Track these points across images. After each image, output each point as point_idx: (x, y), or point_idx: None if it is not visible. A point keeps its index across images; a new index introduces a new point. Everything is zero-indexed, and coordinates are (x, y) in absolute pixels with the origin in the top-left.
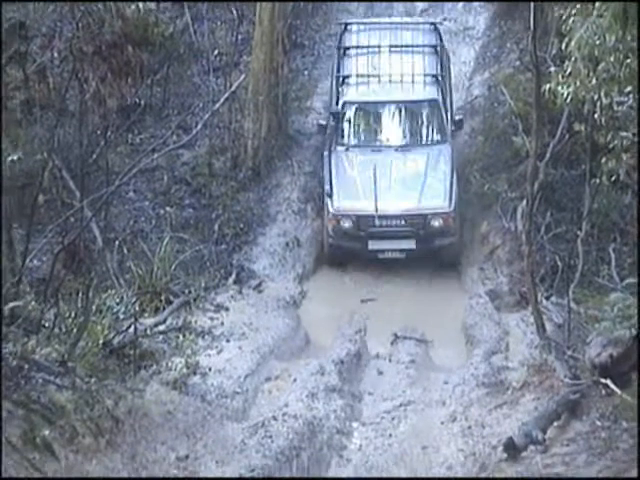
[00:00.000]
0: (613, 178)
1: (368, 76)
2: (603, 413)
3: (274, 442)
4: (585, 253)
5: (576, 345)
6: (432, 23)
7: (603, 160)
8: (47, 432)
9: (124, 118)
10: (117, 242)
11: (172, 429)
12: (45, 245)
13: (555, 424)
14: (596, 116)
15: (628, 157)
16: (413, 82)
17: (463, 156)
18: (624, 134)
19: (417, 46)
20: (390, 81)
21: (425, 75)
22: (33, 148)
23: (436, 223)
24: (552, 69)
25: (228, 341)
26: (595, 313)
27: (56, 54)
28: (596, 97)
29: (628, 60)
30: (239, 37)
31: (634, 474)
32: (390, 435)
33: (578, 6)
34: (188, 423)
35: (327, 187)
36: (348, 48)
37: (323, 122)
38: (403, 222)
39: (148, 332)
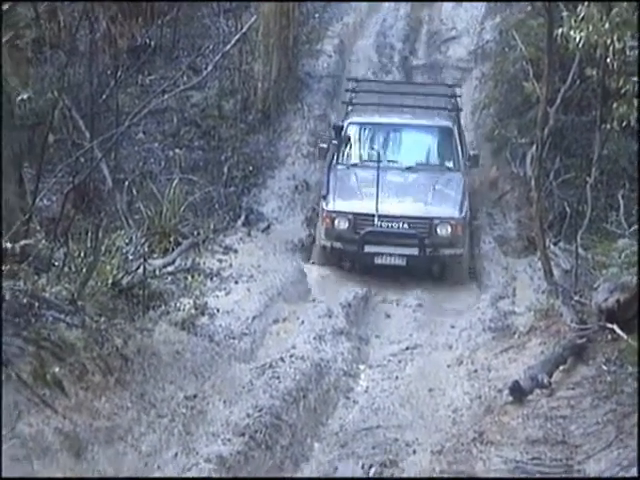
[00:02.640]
0: (624, 124)
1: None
2: (609, 357)
3: (281, 383)
4: (594, 199)
5: (583, 290)
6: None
7: (614, 106)
8: (57, 369)
9: (134, 59)
10: (126, 183)
11: (180, 369)
12: (55, 185)
13: (561, 368)
14: (608, 61)
15: (638, 103)
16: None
17: (473, 102)
18: (635, 79)
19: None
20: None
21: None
22: (43, 87)
23: (443, 231)
24: (564, 13)
25: (236, 283)
26: (603, 259)
27: None
28: (609, 42)
29: None
30: None
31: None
32: (397, 377)
33: None
34: (196, 363)
35: (323, 191)
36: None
37: (324, 145)
38: (406, 225)
39: (157, 273)
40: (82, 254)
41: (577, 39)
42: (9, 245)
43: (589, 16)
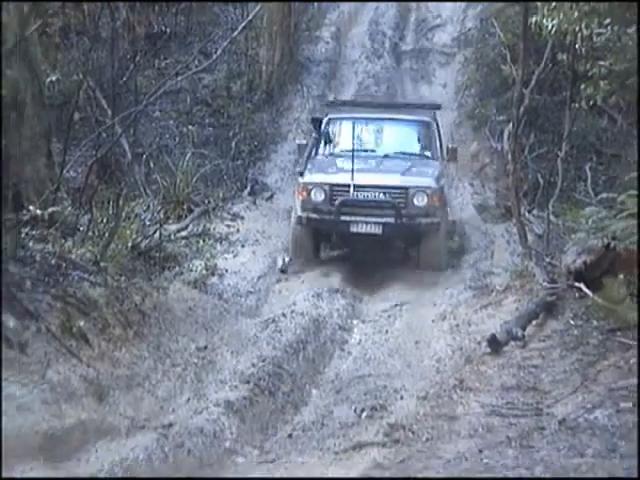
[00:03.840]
0: (591, 103)
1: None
2: (576, 313)
3: (283, 336)
4: (564, 171)
5: (554, 253)
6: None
7: (582, 87)
8: (82, 323)
9: (151, 44)
10: (144, 156)
11: (192, 323)
12: (80, 158)
13: (534, 323)
14: (577, 46)
15: (605, 84)
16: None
17: (456, 83)
18: (602, 63)
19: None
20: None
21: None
22: (70, 70)
23: (419, 199)
24: (538, 3)
25: (243, 246)
26: (572, 225)
27: None
28: (577, 29)
29: None
30: None
31: (603, 365)
32: (386, 331)
33: None
34: (207, 318)
35: (300, 169)
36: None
37: (303, 142)
38: (382, 195)
39: (172, 237)
40: (104, 220)
41: (549, 27)
42: (39, 212)
43: (560, 5)
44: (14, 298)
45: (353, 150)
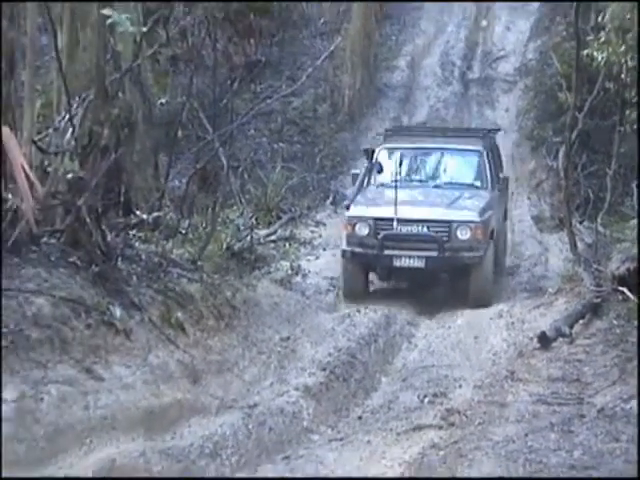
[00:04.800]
0: (635, 127)
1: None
2: (619, 314)
3: (357, 329)
4: (612, 188)
5: (601, 260)
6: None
7: (628, 112)
8: (180, 314)
9: (247, 71)
10: (239, 169)
11: (277, 316)
12: (183, 169)
13: (580, 322)
14: (623, 76)
15: None
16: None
17: (517, 108)
18: None
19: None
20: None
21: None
22: (176, 93)
23: (462, 233)
24: (590, 38)
25: (324, 250)
26: (618, 235)
27: (194, 19)
28: (624, 61)
29: None
30: (341, 8)
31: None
32: (449, 327)
33: None
34: (290, 312)
35: (347, 202)
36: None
37: (357, 171)
38: (425, 229)
39: (262, 241)
40: (202, 224)
41: (600, 59)
42: (145, 216)
43: (609, 40)
44: (122, 291)
45: (396, 183)
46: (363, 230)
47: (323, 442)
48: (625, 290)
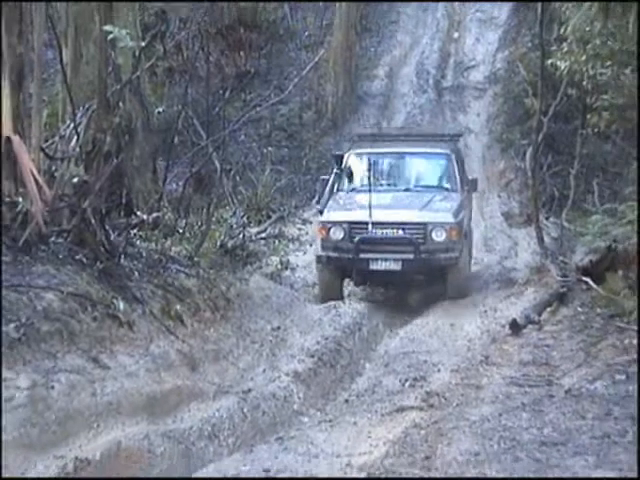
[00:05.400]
0: (596, 130)
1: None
2: (583, 302)
3: (342, 319)
4: (575, 186)
5: (566, 253)
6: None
7: (589, 117)
8: (178, 307)
9: (238, 81)
10: (232, 172)
11: (268, 308)
12: (179, 173)
13: (548, 310)
14: (585, 83)
15: (607, 115)
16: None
17: (487, 113)
18: (604, 97)
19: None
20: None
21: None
22: (172, 103)
23: (438, 235)
24: (553, 48)
25: (311, 245)
26: (581, 230)
27: (189, 33)
28: (585, 69)
29: (609, 42)
30: (323, 22)
31: (603, 345)
32: (426, 316)
33: (574, 2)
34: (280, 304)
35: (320, 208)
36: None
37: (325, 177)
38: (401, 231)
39: (253, 238)
40: (198, 223)
41: (562, 67)
42: (145, 217)
43: (571, 50)
44: (124, 286)
45: (370, 187)
46: (338, 234)
47: (313, 424)
48: (588, 280)
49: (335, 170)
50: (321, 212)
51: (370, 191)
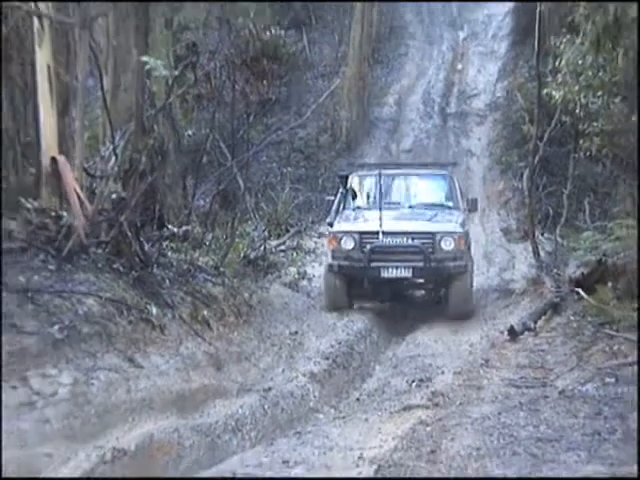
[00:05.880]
0: (588, 154)
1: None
2: (575, 311)
3: (354, 325)
4: (568, 205)
5: (559, 266)
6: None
7: (581, 142)
8: (205, 312)
9: (260, 107)
10: (254, 190)
11: (287, 314)
12: (206, 190)
13: (543, 318)
14: (577, 111)
15: (597, 140)
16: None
17: (488, 137)
18: (595, 124)
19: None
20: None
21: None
22: (201, 127)
23: (447, 244)
24: (549, 79)
25: (326, 257)
26: (573, 245)
27: (217, 64)
28: (578, 98)
29: (599, 74)
30: (338, 54)
31: (593, 350)
32: (430, 324)
33: (568, 37)
34: (297, 310)
35: (329, 220)
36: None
37: (331, 197)
38: (410, 240)
39: (273, 250)
40: (223, 237)
41: (557, 97)
42: (175, 229)
43: (564, 81)
44: (157, 293)
45: (381, 197)
46: (349, 244)
47: (327, 420)
48: (580, 291)
49: (341, 190)
50: (331, 225)
51: (380, 203)
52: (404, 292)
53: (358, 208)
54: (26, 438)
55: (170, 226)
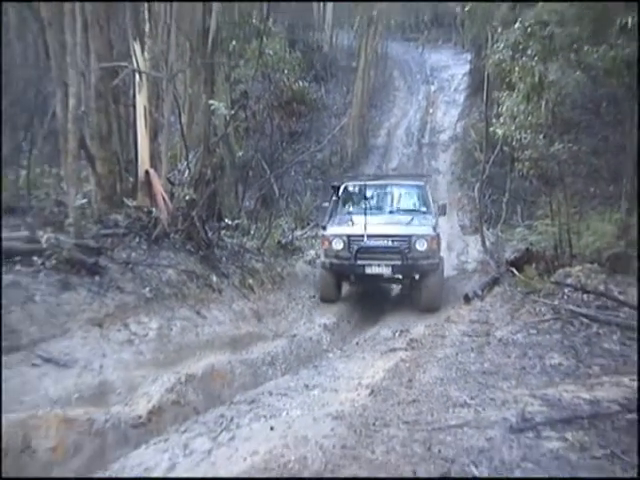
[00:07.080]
0: (520, 174)
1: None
2: (509, 283)
3: (358, 291)
4: (506, 209)
5: (499, 252)
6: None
7: (516, 164)
8: (250, 281)
9: (290, 137)
10: (285, 195)
11: (307, 283)
12: (251, 195)
13: (487, 288)
14: (514, 143)
15: (527, 164)
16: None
17: (450, 160)
18: (525, 152)
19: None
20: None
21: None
22: (248, 150)
23: (420, 245)
24: (494, 121)
25: None
26: (509, 237)
27: (260, 106)
28: (514, 135)
29: (529, 117)
30: (346, 100)
31: (522, 311)
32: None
33: (507, 92)
34: (315, 281)
35: (323, 223)
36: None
37: (326, 204)
38: (390, 242)
39: (298, 238)
40: (263, 228)
41: (499, 133)
42: (230, 222)
43: (505, 122)
44: (216, 266)
45: (366, 206)
46: (339, 245)
47: (335, 357)
48: (513, 270)
49: (333, 197)
50: (324, 228)
51: (365, 210)
52: (385, 285)
53: (348, 213)
54: (128, 364)
55: (226, 220)
